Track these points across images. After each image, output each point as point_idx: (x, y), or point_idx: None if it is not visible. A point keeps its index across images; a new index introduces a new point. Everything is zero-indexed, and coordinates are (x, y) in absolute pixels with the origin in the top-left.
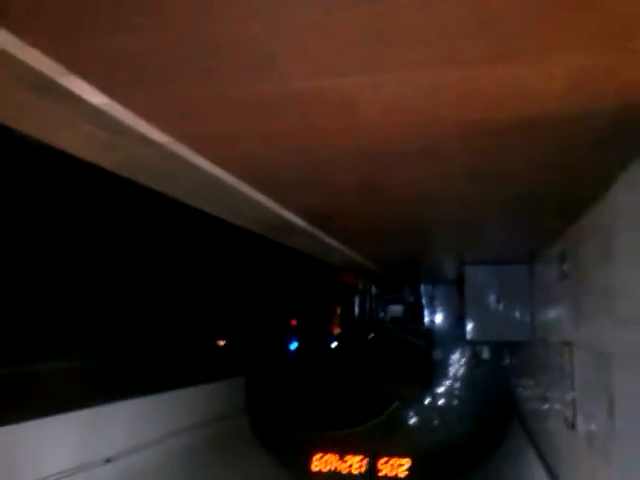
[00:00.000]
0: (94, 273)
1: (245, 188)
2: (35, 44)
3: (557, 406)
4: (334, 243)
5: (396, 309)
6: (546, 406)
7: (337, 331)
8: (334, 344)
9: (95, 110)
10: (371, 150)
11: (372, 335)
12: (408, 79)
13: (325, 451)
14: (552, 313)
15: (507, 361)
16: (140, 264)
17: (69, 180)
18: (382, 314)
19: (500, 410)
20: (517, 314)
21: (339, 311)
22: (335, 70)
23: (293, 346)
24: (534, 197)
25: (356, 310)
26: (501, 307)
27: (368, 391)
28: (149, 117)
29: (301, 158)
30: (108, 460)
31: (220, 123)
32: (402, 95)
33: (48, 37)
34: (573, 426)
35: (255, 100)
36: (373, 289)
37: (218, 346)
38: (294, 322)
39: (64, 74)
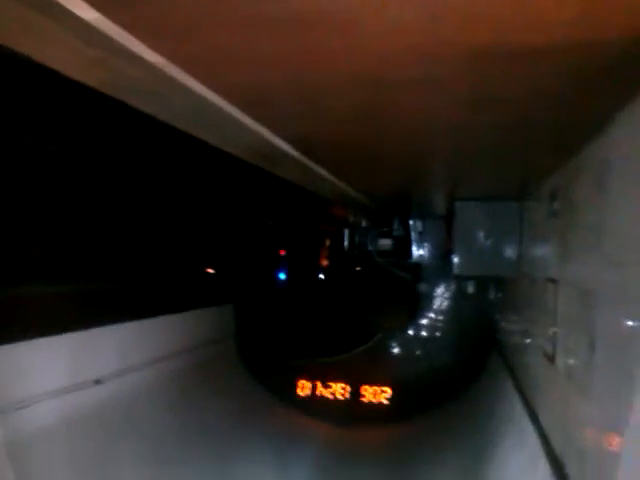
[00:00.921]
0: (80, 196)
1: (237, 113)
2: None
3: (538, 341)
4: (325, 174)
5: (385, 243)
6: (527, 341)
7: (326, 263)
8: (322, 275)
9: (85, 25)
10: (370, 76)
11: (360, 268)
12: (413, 0)
13: (310, 378)
14: (539, 250)
15: (491, 296)
16: (128, 189)
17: (52, 98)
18: (371, 247)
19: (481, 343)
20: (505, 250)
21: (328, 243)
22: None
23: (282, 276)
24: (531, 129)
25: (345, 243)
26: (489, 243)
27: (354, 321)
28: (141, 35)
29: (296, 83)
30: (98, 382)
31: (214, 43)
32: (406, 17)
33: None
34: (552, 360)
35: (251, 19)
36: (363, 222)
37: (208, 273)
38: (283, 253)
39: None
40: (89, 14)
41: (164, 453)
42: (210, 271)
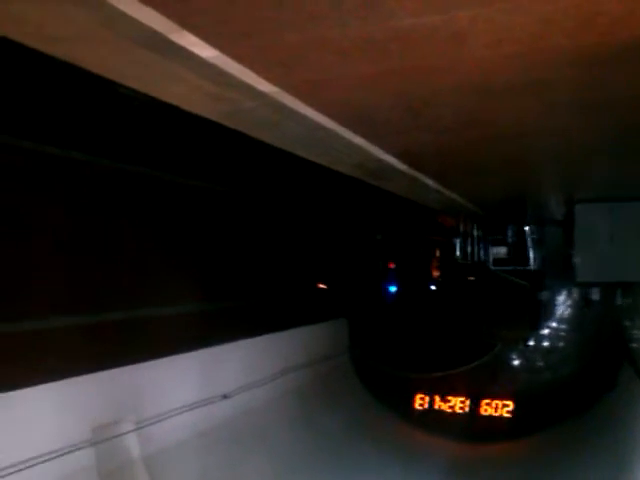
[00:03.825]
0: (208, 224)
1: (346, 133)
2: (147, 1)
3: None
4: (432, 184)
5: (499, 250)
6: None
7: (437, 274)
8: (434, 286)
9: (204, 63)
10: (475, 85)
11: (474, 277)
12: (522, 6)
13: (425, 391)
14: None
15: (619, 302)
16: (248, 214)
17: (177, 132)
18: (484, 256)
19: (611, 353)
20: (631, 254)
21: (438, 254)
22: (445, 5)
23: (392, 289)
24: None
25: (457, 252)
26: (614, 247)
27: (471, 333)
28: (255, 67)
29: (401, 98)
30: (225, 396)
31: (323, 69)
32: (515, 24)
33: None
34: None
35: (359, 42)
36: (474, 231)
37: (322, 289)
38: (392, 266)
39: (176, 30)
40: (208, 52)
41: (288, 464)
42: (324, 286)
